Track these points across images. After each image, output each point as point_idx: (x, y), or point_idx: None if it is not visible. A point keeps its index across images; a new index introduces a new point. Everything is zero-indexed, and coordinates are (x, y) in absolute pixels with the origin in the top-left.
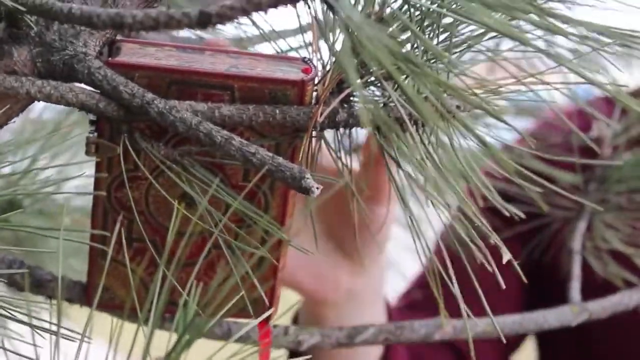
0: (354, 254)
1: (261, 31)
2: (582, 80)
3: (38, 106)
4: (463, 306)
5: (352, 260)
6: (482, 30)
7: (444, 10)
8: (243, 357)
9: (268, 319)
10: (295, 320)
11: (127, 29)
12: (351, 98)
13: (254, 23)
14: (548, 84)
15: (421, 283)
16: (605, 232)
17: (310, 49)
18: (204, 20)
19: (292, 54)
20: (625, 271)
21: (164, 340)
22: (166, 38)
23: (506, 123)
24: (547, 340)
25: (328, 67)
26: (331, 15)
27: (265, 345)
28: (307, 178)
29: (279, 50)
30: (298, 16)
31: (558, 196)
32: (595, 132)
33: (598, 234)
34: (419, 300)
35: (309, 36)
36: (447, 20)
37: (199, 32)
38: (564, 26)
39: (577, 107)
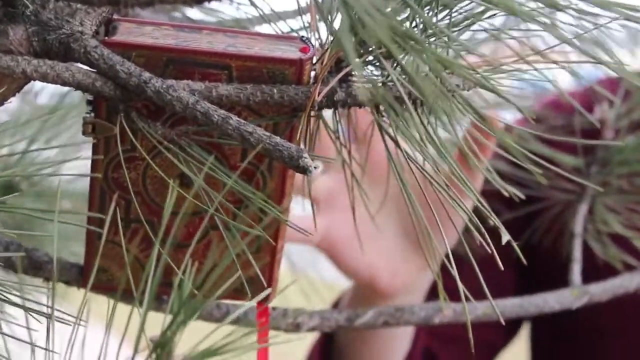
0: (424, 251)
1: (260, 12)
2: (585, 59)
3: (35, 88)
4: (462, 288)
5: (422, 257)
6: (482, 8)
7: None
8: (239, 337)
9: (266, 299)
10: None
11: (123, 5)
12: (349, 77)
13: (252, 3)
14: (554, 62)
15: None
16: (606, 215)
17: (309, 29)
18: None
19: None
20: (625, 254)
21: (161, 322)
22: (164, 18)
23: (507, 100)
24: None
25: (326, 46)
26: None
27: (262, 324)
28: (305, 157)
29: (278, 32)
30: None
31: (559, 179)
32: (598, 114)
33: (599, 217)
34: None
35: (308, 17)
36: None
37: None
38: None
39: (580, 89)
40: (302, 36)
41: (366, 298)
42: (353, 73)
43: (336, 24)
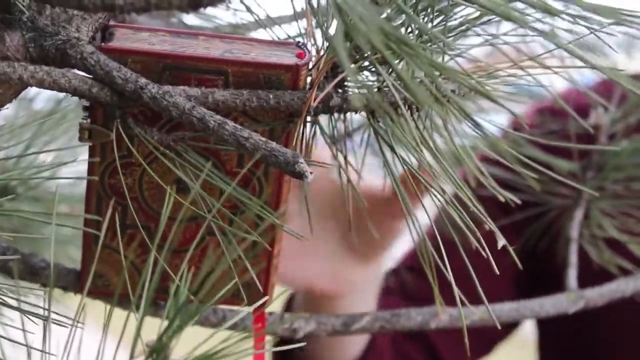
0: (362, 250)
1: (257, 18)
2: (581, 64)
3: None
4: (457, 293)
5: (359, 256)
6: (478, 13)
7: None
8: (236, 342)
9: (262, 305)
10: (289, 305)
11: (118, 10)
12: (345, 83)
13: (248, 9)
14: (546, 67)
15: (411, 264)
16: (602, 219)
17: (305, 35)
18: (196, 2)
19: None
20: (620, 258)
21: (157, 327)
22: (161, 24)
23: (501, 105)
24: (547, 330)
25: (322, 52)
26: None
27: (258, 330)
28: (301, 162)
29: (274, 38)
30: (292, 1)
31: (555, 184)
32: (593, 118)
33: (594, 222)
34: (406, 285)
35: (304, 23)
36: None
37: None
38: (561, 7)
39: (575, 92)
40: (298, 42)
41: (314, 298)
42: (349, 79)
43: (331, 30)
